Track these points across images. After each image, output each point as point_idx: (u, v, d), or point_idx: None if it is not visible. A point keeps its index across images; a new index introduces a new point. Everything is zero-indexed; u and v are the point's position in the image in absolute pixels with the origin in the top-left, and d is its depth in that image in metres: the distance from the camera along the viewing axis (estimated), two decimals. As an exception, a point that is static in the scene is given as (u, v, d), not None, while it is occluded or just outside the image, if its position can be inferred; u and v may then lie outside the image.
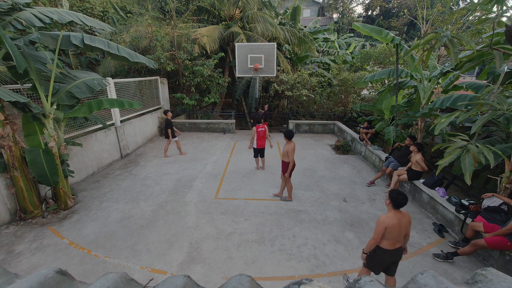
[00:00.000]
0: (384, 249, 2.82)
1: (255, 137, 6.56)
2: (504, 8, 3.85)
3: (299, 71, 11.94)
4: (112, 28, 5.53)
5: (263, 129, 6.54)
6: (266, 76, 11.68)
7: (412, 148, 5.55)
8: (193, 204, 5.37)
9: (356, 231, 4.57)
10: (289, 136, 5.17)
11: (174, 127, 7.96)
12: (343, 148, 8.89)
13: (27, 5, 4.41)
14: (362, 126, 8.33)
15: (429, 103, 6.89)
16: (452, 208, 4.55)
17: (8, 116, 4.44)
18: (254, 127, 6.51)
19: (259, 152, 6.87)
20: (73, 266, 3.67)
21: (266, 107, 10.37)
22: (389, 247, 2.81)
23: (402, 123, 8.19)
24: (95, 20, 5.02)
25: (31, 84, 4.42)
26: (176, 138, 8.06)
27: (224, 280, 3.44)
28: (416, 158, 5.42)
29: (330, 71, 14.05)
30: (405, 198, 2.74)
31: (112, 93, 7.47)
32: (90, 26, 4.80)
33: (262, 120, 6.77)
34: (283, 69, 12.47)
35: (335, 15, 32.70)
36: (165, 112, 7.81)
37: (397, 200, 2.75)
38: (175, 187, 6.13)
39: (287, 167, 5.24)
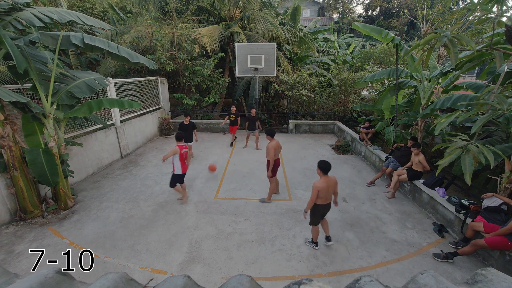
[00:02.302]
0: (320, 205, 3.85)
1: (178, 160, 4.96)
2: (504, 8, 3.85)
3: (299, 71, 11.94)
4: (112, 27, 5.53)
5: (187, 150, 5.15)
6: (266, 76, 11.68)
7: (414, 150, 5.53)
8: (193, 204, 5.37)
9: (356, 231, 4.57)
10: (271, 133, 5.25)
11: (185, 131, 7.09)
12: (343, 148, 8.89)
13: (27, 5, 4.41)
14: (362, 126, 8.33)
15: (430, 104, 6.89)
16: (452, 208, 4.55)
17: (8, 116, 4.44)
18: (177, 146, 4.97)
19: (182, 178, 5.26)
20: (73, 266, 3.66)
21: (253, 111, 8.71)
22: (323, 203, 3.83)
23: (402, 123, 8.19)
24: (95, 19, 5.02)
25: (31, 84, 4.42)
26: (188, 143, 7.31)
27: (224, 280, 3.44)
28: (419, 158, 5.42)
29: (330, 71, 14.05)
30: (330, 165, 3.72)
31: (112, 93, 7.47)
32: (91, 27, 4.82)
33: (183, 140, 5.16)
34: (283, 69, 12.47)
35: (335, 15, 32.69)
36: (186, 115, 7.22)
37: (325, 167, 3.70)
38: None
39: (268, 167, 5.26)
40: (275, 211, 5.15)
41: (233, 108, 8.97)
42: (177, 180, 5.17)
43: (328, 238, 4.23)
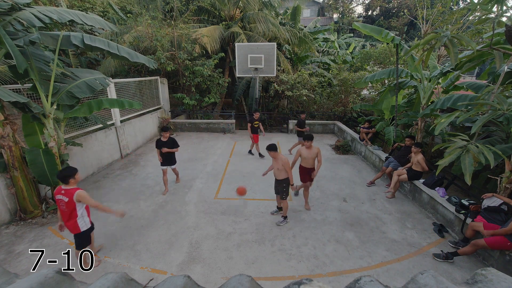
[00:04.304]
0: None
1: (83, 208, 3.44)
2: (504, 8, 3.85)
3: (299, 71, 11.94)
4: (113, 26, 5.52)
5: (66, 199, 3.24)
6: (266, 76, 11.68)
7: (413, 149, 5.54)
8: (193, 204, 5.37)
9: (356, 231, 4.57)
10: (312, 138, 4.84)
11: (165, 146, 5.54)
12: (343, 148, 8.89)
13: (27, 5, 4.41)
14: (362, 126, 8.33)
15: (430, 103, 6.88)
16: (452, 208, 4.55)
17: (8, 116, 4.44)
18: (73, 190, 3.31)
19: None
20: (73, 266, 3.66)
21: (303, 116, 8.38)
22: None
23: (402, 123, 8.19)
24: (95, 18, 5.01)
25: (31, 84, 4.42)
26: (169, 166, 5.83)
27: (224, 280, 3.44)
28: (418, 158, 5.42)
29: (330, 71, 14.05)
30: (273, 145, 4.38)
31: (112, 93, 7.47)
32: (91, 27, 4.82)
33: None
34: (283, 69, 12.47)
35: (335, 15, 32.67)
36: (164, 130, 5.55)
37: (275, 147, 4.34)
38: (175, 187, 6.12)
39: (309, 173, 4.98)
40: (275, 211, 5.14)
41: (257, 115, 7.90)
42: (88, 238, 3.56)
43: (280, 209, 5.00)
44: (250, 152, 8.46)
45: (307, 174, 5.03)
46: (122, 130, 8.02)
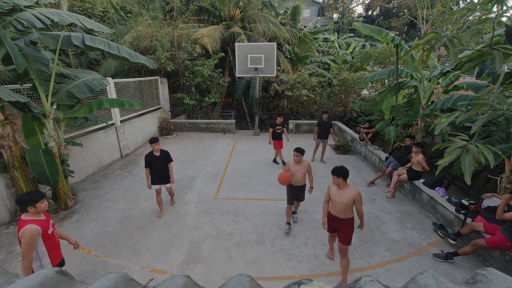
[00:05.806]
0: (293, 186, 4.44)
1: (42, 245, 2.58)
2: (504, 8, 3.85)
3: (299, 71, 11.95)
4: (112, 31, 5.52)
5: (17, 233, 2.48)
6: (266, 76, 11.67)
7: (414, 149, 5.54)
8: (193, 204, 5.37)
9: (356, 231, 4.53)
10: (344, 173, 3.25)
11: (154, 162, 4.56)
12: (343, 148, 8.89)
13: (29, 6, 4.41)
14: (362, 126, 8.33)
15: (430, 103, 6.88)
16: (452, 208, 4.55)
17: (8, 116, 4.44)
18: (30, 223, 2.45)
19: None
20: (73, 266, 3.66)
21: (325, 116, 7.59)
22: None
23: (402, 123, 8.19)
24: (96, 22, 5.01)
25: (31, 84, 4.42)
26: (163, 185, 4.82)
27: (224, 280, 3.44)
28: (418, 158, 5.42)
29: (330, 71, 14.05)
30: (302, 149, 4.42)
31: (112, 93, 7.47)
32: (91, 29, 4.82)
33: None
34: (283, 69, 12.48)
35: (335, 15, 32.66)
36: (153, 141, 4.47)
37: (303, 151, 4.45)
38: (175, 187, 6.12)
39: (352, 230, 3.35)
40: (275, 211, 5.15)
41: (280, 119, 7.03)
42: None
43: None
44: (274, 161, 7.71)
45: (336, 228, 3.41)
46: (122, 130, 8.02)
